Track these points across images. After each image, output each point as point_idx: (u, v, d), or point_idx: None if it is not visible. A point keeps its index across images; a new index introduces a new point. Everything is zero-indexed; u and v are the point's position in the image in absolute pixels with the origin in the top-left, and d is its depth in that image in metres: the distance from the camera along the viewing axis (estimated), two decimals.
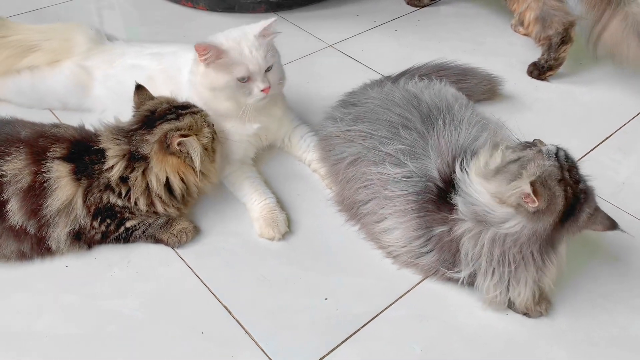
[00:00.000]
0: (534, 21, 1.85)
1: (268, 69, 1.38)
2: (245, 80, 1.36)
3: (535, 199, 1.05)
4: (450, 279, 1.22)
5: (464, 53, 2.02)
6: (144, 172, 1.28)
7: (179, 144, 1.25)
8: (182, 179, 1.30)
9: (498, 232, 1.10)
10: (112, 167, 1.27)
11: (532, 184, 1.04)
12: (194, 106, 1.35)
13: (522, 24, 1.93)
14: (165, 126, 1.28)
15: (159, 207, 1.31)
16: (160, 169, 1.27)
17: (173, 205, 1.32)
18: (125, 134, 1.30)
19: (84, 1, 2.34)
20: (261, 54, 1.35)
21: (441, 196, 1.19)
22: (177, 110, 1.32)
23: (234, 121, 1.44)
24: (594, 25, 1.80)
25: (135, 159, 1.28)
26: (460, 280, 1.18)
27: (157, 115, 1.31)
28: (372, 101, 1.45)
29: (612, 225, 1.14)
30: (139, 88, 1.37)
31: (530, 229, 1.08)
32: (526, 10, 1.86)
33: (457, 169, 1.18)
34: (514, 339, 1.16)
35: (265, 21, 1.38)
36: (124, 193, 1.27)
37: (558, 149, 1.13)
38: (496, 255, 1.11)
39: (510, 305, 1.19)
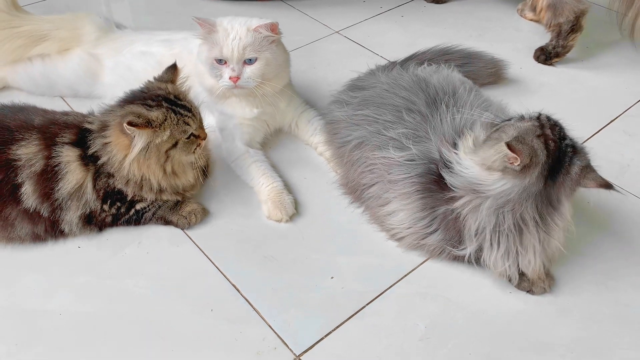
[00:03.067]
0: (546, 8, 1.85)
1: (249, 62, 1.41)
2: (221, 62, 1.41)
3: (517, 156, 1.07)
4: (456, 258, 1.23)
5: (470, 38, 2.03)
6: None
7: (128, 128, 1.21)
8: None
9: (495, 200, 1.12)
10: (96, 147, 1.27)
11: (508, 144, 1.07)
12: (186, 108, 1.29)
13: (534, 9, 1.93)
14: (133, 108, 1.25)
15: (147, 195, 1.32)
16: (113, 142, 1.26)
17: (158, 191, 1.32)
18: (109, 108, 1.31)
19: None
20: (241, 44, 1.38)
21: (442, 177, 1.20)
22: (162, 101, 1.26)
23: (232, 104, 1.49)
24: (626, 11, 1.80)
25: (104, 130, 1.28)
26: (467, 257, 1.19)
27: (147, 96, 1.28)
28: (380, 85, 1.47)
29: (607, 183, 1.13)
30: (171, 67, 1.35)
31: (520, 186, 1.10)
32: None
33: (444, 150, 1.20)
34: (517, 316, 1.18)
35: (267, 20, 1.41)
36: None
37: (540, 113, 1.16)
38: (498, 222, 1.12)
39: (518, 282, 1.21)
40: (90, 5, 2.24)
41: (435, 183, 1.21)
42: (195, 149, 1.32)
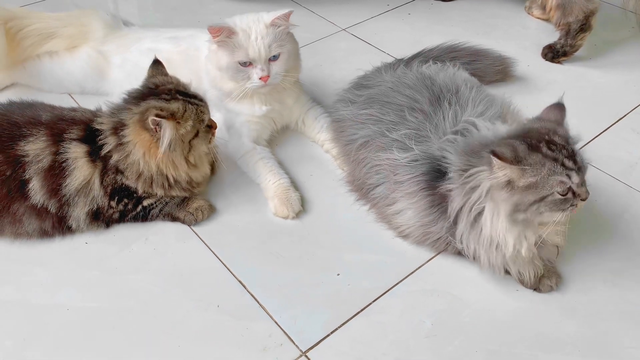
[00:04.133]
0: (556, 7, 1.84)
1: (274, 58, 1.41)
2: (246, 65, 1.40)
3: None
4: (460, 252, 1.23)
5: (477, 36, 2.02)
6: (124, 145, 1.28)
7: (155, 122, 1.23)
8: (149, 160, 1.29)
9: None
10: (110, 147, 1.28)
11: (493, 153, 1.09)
12: (198, 98, 1.32)
13: (543, 7, 1.93)
14: (152, 102, 1.27)
15: (157, 190, 1.32)
16: (132, 141, 1.26)
17: (169, 187, 1.33)
18: (119, 107, 1.32)
19: None
20: (266, 42, 1.38)
21: (446, 172, 1.20)
22: (176, 93, 1.29)
23: (242, 101, 1.48)
24: None
25: (120, 130, 1.28)
26: (466, 251, 1.20)
27: (159, 91, 1.30)
28: (385, 84, 1.47)
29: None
30: (156, 62, 1.38)
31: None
32: None
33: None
34: (524, 313, 1.18)
35: (281, 11, 1.41)
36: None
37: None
38: (470, 198, 1.14)
39: (520, 278, 1.21)
40: (98, 2, 2.25)
41: (438, 179, 1.21)
42: (211, 138, 1.35)
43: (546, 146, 1.09)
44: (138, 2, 2.31)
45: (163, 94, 1.29)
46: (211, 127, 1.34)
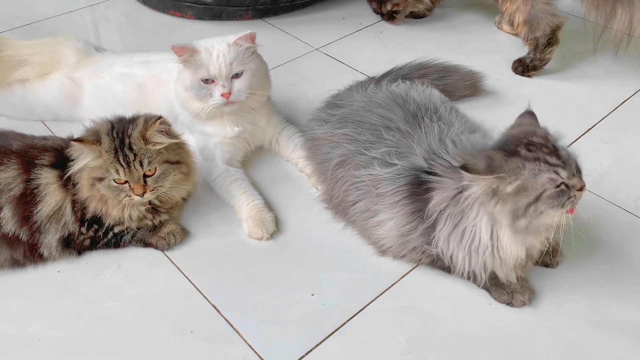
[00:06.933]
0: (522, 23, 1.88)
1: (236, 76, 1.43)
2: (209, 82, 1.42)
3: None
4: (433, 262, 1.25)
5: (449, 51, 2.05)
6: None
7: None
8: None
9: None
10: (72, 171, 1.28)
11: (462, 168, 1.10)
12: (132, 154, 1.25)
13: (511, 24, 1.96)
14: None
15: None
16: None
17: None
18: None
19: (77, 14, 2.38)
20: (227, 59, 1.41)
21: (428, 180, 1.21)
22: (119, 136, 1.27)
23: (214, 123, 1.49)
24: (606, 23, 1.79)
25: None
26: (435, 255, 1.22)
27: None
28: (357, 103, 1.48)
29: None
30: (158, 118, 1.30)
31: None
32: (515, 11, 1.88)
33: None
34: (497, 327, 1.18)
35: (244, 32, 1.44)
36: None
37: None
38: (454, 201, 1.15)
39: (495, 293, 1.22)
40: (77, 28, 2.26)
41: (421, 188, 1.22)
42: (125, 197, 1.28)
43: (525, 148, 1.10)
44: (118, 28, 2.32)
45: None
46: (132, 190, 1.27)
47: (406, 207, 1.24)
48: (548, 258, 1.27)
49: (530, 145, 1.10)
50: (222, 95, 1.41)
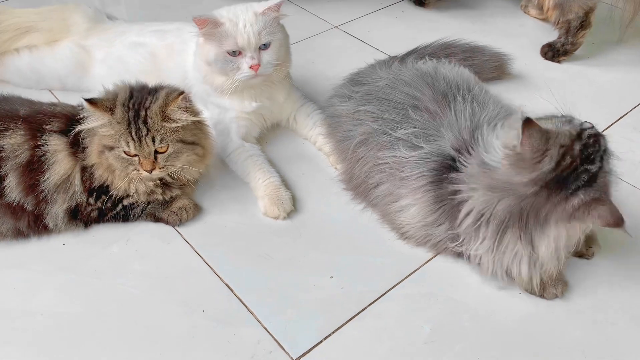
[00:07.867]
0: (553, 7, 1.80)
1: (264, 47, 1.35)
2: (235, 54, 1.34)
3: (522, 140, 1.00)
4: (460, 255, 1.17)
5: (474, 34, 1.96)
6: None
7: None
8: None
9: (490, 188, 1.05)
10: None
11: (526, 122, 0.98)
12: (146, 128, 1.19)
13: (540, 8, 1.89)
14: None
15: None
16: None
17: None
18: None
19: None
20: (255, 29, 1.33)
21: (455, 169, 1.14)
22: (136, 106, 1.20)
23: (232, 97, 1.42)
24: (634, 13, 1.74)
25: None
26: (466, 255, 1.14)
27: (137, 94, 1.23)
28: (381, 81, 1.41)
29: (615, 222, 0.98)
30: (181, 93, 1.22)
31: (509, 175, 1.03)
32: None
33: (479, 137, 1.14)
34: (527, 318, 1.12)
35: (272, 1, 1.36)
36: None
37: (588, 127, 1.04)
38: (486, 210, 1.06)
39: (525, 285, 1.15)
40: (83, 1, 2.18)
41: (447, 177, 1.15)
42: (133, 171, 1.21)
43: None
44: (125, 0, 2.25)
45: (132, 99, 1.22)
46: (140, 163, 1.20)
47: (429, 193, 1.17)
48: (583, 249, 1.20)
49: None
50: (250, 67, 1.33)
